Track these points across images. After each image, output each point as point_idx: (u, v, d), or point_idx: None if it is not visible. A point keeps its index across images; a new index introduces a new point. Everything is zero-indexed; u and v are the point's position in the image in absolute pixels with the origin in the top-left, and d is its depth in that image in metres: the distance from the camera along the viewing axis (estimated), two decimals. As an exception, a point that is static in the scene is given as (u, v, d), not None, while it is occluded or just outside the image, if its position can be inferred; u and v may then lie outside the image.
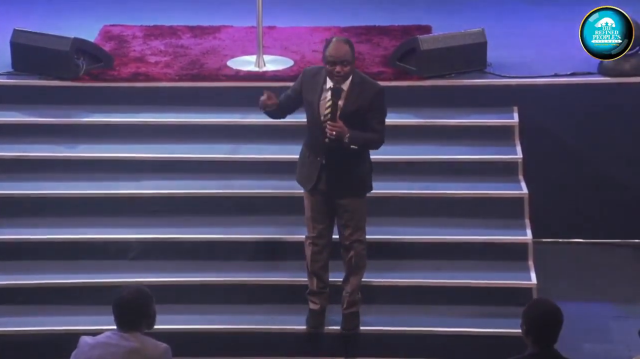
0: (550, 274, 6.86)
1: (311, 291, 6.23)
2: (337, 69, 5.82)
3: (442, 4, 8.46)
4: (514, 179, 6.96)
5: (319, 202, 6.07)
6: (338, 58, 5.82)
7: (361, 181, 6.06)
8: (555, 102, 7.29)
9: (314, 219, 6.08)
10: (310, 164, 6.02)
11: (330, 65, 5.84)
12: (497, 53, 7.48)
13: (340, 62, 5.82)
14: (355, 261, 6.13)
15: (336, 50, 5.83)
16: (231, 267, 6.61)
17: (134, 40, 7.84)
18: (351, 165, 5.98)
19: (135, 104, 7.28)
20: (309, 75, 5.99)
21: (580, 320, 6.48)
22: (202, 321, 6.39)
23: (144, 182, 6.93)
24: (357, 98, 5.91)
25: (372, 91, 5.94)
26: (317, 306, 6.23)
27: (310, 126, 6.01)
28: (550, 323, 4.40)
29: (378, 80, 7.26)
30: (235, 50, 7.71)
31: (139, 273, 6.52)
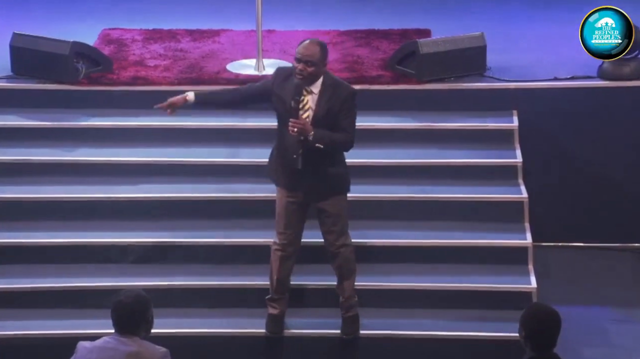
0: (550, 278, 6.86)
1: (272, 297, 6.22)
2: (300, 67, 5.84)
3: (441, 8, 8.46)
4: (513, 183, 6.96)
5: (295, 208, 6.04)
6: (304, 56, 5.84)
7: (339, 180, 6.05)
8: (554, 106, 7.29)
9: (286, 225, 6.06)
10: (284, 163, 5.98)
11: (296, 62, 5.87)
12: (497, 57, 7.47)
13: (304, 61, 5.83)
14: (345, 266, 6.13)
15: (304, 48, 5.86)
16: (231, 271, 6.60)
17: (133, 44, 7.84)
18: (326, 166, 5.96)
19: (135, 107, 7.27)
20: (283, 75, 5.98)
21: (580, 324, 6.47)
22: (201, 325, 6.39)
23: (144, 186, 6.93)
24: (329, 100, 5.91)
25: (344, 93, 5.94)
26: (277, 310, 6.23)
27: (284, 125, 5.93)
28: (548, 328, 4.40)
29: (377, 84, 7.32)
30: (235, 54, 7.71)
31: (139, 277, 6.52)
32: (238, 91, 6.12)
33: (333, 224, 6.04)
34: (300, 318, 6.37)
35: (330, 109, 5.91)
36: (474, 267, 6.60)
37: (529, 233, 6.73)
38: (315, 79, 5.88)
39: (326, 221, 6.03)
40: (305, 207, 6.06)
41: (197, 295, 6.52)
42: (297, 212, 6.04)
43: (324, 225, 6.06)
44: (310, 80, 5.87)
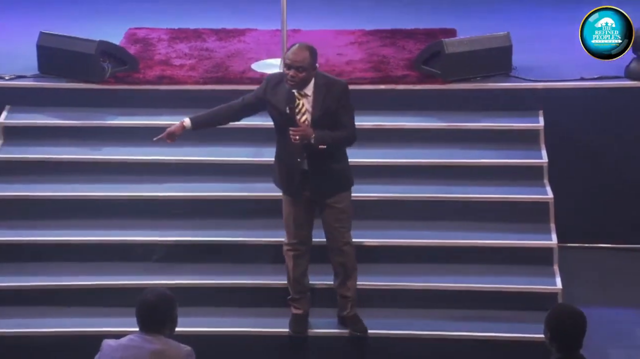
0: (576, 279, 6.82)
1: (293, 297, 6.22)
2: (291, 74, 5.83)
3: (467, 8, 8.43)
4: (539, 183, 6.93)
5: (302, 208, 6.04)
6: (294, 62, 5.82)
7: (343, 177, 6.05)
8: (581, 106, 7.25)
9: (297, 226, 6.06)
10: (288, 171, 5.99)
11: (287, 68, 5.86)
12: (523, 56, 7.44)
13: (295, 67, 5.82)
14: (349, 264, 6.13)
15: (294, 54, 5.84)
16: (256, 270, 6.61)
17: (159, 43, 7.86)
18: (330, 164, 5.96)
19: (160, 106, 7.29)
20: (274, 82, 5.96)
21: (606, 325, 6.44)
22: (226, 324, 6.40)
23: (169, 185, 6.95)
24: (325, 100, 5.90)
25: (338, 89, 5.93)
26: (300, 310, 6.23)
27: (283, 132, 5.94)
28: (574, 329, 4.37)
29: (402, 84, 7.30)
30: (260, 54, 7.71)
31: (163, 275, 6.54)
32: (232, 106, 6.10)
33: (340, 221, 6.04)
34: (324, 318, 6.36)
35: (327, 108, 5.91)
36: (499, 267, 6.58)
37: (554, 234, 6.70)
38: (307, 82, 5.89)
39: (333, 219, 6.03)
40: (312, 205, 6.08)
41: (221, 294, 6.53)
42: (305, 212, 6.06)
43: (331, 222, 6.05)
44: (302, 85, 5.87)
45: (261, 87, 6.03)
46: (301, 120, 5.91)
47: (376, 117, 7.21)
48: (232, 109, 6.10)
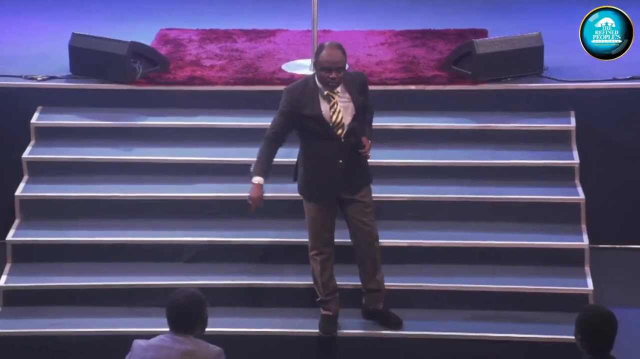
0: (607, 281, 6.78)
1: (323, 299, 6.22)
2: (333, 76, 5.81)
3: (498, 8, 8.40)
4: (570, 184, 6.89)
5: (328, 210, 6.05)
6: (334, 64, 5.81)
7: (368, 169, 6.11)
8: (613, 106, 7.20)
9: (324, 227, 6.05)
10: (327, 173, 5.98)
11: (325, 71, 5.82)
12: (554, 57, 7.40)
13: (336, 69, 5.81)
14: (378, 257, 6.13)
15: (332, 56, 5.81)
16: (286, 270, 6.61)
17: (189, 44, 7.89)
18: (359, 157, 6.02)
19: (191, 107, 7.32)
20: (297, 94, 5.92)
21: (637, 327, 6.39)
22: (256, 324, 6.41)
23: (199, 185, 6.97)
24: (353, 93, 5.94)
25: (362, 79, 6.02)
26: (330, 312, 6.23)
27: (318, 138, 5.95)
28: (604, 330, 4.35)
29: (433, 85, 7.30)
30: (290, 54, 7.72)
31: (194, 276, 6.56)
32: (274, 142, 6.03)
33: (368, 215, 6.05)
34: (352, 318, 6.36)
35: (362, 102, 5.99)
36: (530, 268, 6.55)
37: (585, 235, 6.66)
38: (340, 82, 5.91)
39: (361, 214, 6.03)
40: (336, 207, 6.09)
41: (251, 294, 6.54)
42: (330, 213, 6.07)
43: (360, 217, 6.04)
44: (339, 84, 5.89)
45: (285, 105, 5.94)
46: (337, 119, 5.90)
47: (406, 117, 7.20)
48: (277, 144, 6.06)
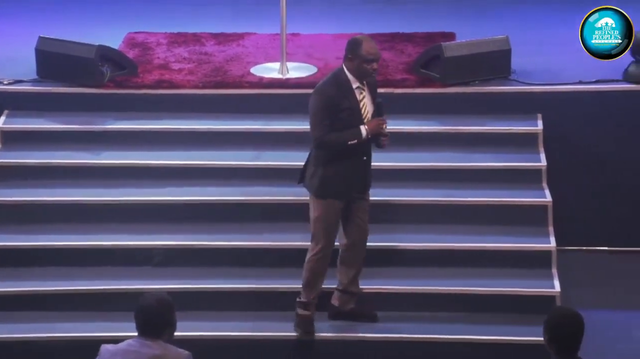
0: (574, 282, 6.82)
1: (307, 302, 6.21)
2: (375, 66, 5.96)
3: (466, 11, 8.44)
4: (537, 187, 6.93)
5: (340, 208, 6.07)
6: (377, 55, 5.98)
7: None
8: (579, 109, 7.25)
9: (335, 228, 6.08)
10: (352, 170, 6.02)
11: (368, 63, 5.93)
12: (521, 60, 7.45)
13: (377, 60, 5.98)
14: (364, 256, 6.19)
15: (374, 48, 5.98)
16: (256, 274, 6.61)
17: (157, 48, 7.87)
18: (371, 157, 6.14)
19: (159, 111, 7.30)
20: (333, 90, 5.97)
21: (604, 328, 6.44)
22: (225, 328, 6.40)
23: (168, 189, 6.95)
24: (371, 91, 6.08)
25: (373, 80, 6.13)
26: (310, 313, 6.23)
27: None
28: (572, 331, 4.38)
29: (402, 88, 7.33)
30: (259, 58, 7.72)
31: (162, 280, 6.54)
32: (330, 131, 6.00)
33: (367, 214, 6.14)
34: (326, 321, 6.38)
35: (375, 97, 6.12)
36: (497, 271, 6.58)
37: (552, 237, 6.71)
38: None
39: (364, 213, 6.11)
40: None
41: (222, 298, 6.53)
42: (339, 214, 6.10)
43: (363, 217, 6.10)
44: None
45: (326, 101, 5.92)
46: (365, 112, 6.03)
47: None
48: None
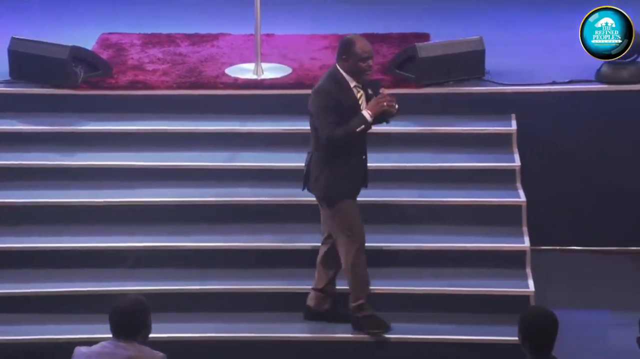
0: (548, 282, 6.86)
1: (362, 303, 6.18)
2: (370, 64, 6.00)
3: (440, 12, 8.46)
4: (511, 187, 6.96)
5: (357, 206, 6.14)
6: (372, 52, 6.02)
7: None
8: (553, 109, 7.29)
9: (358, 221, 6.11)
10: (354, 170, 6.09)
11: (363, 60, 5.98)
12: (496, 61, 7.48)
13: (373, 56, 6.02)
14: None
15: (367, 45, 6.02)
16: (230, 275, 6.60)
17: (132, 48, 7.85)
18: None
19: (133, 112, 7.28)
20: (333, 89, 6.01)
21: (579, 328, 6.47)
22: (199, 330, 6.39)
23: (142, 190, 6.93)
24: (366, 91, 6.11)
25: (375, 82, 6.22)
26: (371, 311, 6.22)
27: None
28: (546, 330, 4.41)
29: (376, 88, 7.33)
30: (234, 58, 7.71)
31: (137, 281, 6.52)
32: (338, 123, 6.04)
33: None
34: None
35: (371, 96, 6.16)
36: (472, 271, 6.60)
37: (527, 237, 6.73)
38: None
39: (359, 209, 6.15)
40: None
41: (196, 299, 6.52)
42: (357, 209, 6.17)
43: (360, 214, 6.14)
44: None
45: (329, 100, 5.95)
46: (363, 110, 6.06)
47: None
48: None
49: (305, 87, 7.33)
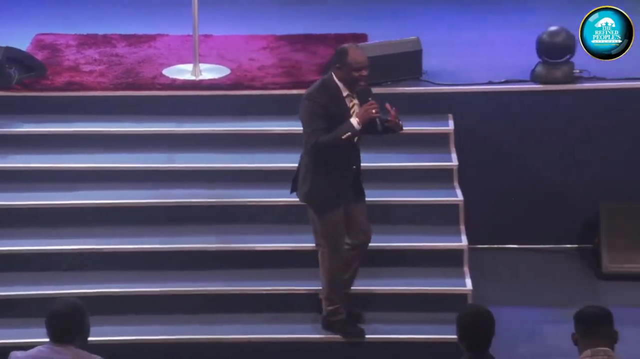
0: (485, 280, 6.92)
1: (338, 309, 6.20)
2: (364, 73, 6.00)
3: (378, 13, 8.50)
4: (449, 186, 7.02)
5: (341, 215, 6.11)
6: (365, 62, 6.01)
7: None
8: (489, 109, 7.36)
9: (344, 233, 6.12)
10: (341, 178, 6.06)
11: (357, 70, 5.98)
12: (433, 61, 7.53)
13: (366, 67, 6.01)
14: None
15: (360, 55, 6.02)
16: (166, 277, 6.57)
17: (67, 49, 7.77)
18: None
19: (69, 113, 7.21)
20: (323, 96, 6.00)
21: (515, 325, 6.55)
22: (136, 332, 6.36)
23: (78, 193, 6.87)
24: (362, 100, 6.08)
25: (367, 89, 6.17)
26: (342, 316, 6.24)
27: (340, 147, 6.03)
28: (482, 328, 4.45)
29: (313, 89, 7.33)
30: (171, 59, 7.67)
31: (73, 285, 6.46)
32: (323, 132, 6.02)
33: (366, 217, 6.16)
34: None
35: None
36: (410, 270, 6.64)
37: (464, 236, 6.79)
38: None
39: (365, 216, 6.14)
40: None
41: (134, 302, 6.48)
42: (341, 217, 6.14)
43: (363, 220, 6.14)
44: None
45: (317, 108, 5.93)
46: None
47: (288, 122, 7.22)
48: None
49: (244, 88, 7.34)
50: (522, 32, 7.83)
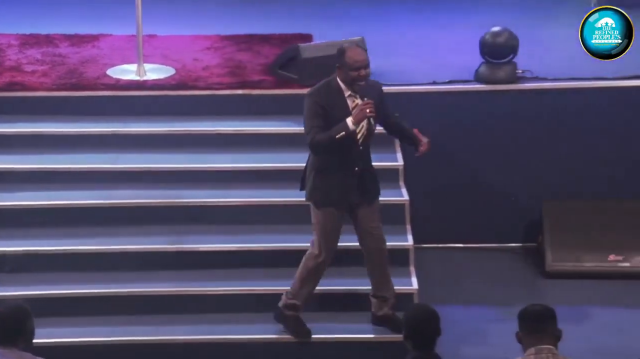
0: (431, 279, 6.97)
1: (296, 305, 6.19)
2: (363, 73, 5.98)
3: (323, 13, 8.52)
4: (394, 186, 7.05)
5: (339, 220, 6.08)
6: (364, 62, 5.98)
7: (377, 179, 6.21)
8: (434, 109, 7.41)
9: (333, 236, 6.08)
10: (342, 180, 6.03)
11: (355, 70, 5.96)
12: (377, 62, 7.53)
13: (365, 66, 5.99)
14: (386, 263, 6.21)
15: (359, 54, 6.01)
16: (110, 278, 6.53)
17: (8, 49, 7.69)
18: (372, 166, 6.15)
19: (11, 114, 7.13)
20: (324, 95, 5.99)
21: (460, 324, 6.60)
22: (81, 334, 6.31)
23: (21, 194, 6.80)
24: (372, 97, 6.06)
25: (377, 88, 6.18)
26: (296, 313, 6.24)
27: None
28: (428, 328, 4.48)
29: (259, 89, 7.34)
30: (115, 59, 7.62)
31: (16, 286, 6.39)
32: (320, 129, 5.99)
33: (378, 221, 6.15)
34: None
35: (383, 109, 6.13)
36: (355, 269, 6.65)
37: (410, 235, 6.83)
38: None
39: (374, 219, 6.12)
40: (344, 214, 6.12)
41: (79, 303, 6.43)
42: (339, 222, 6.10)
43: (372, 224, 6.11)
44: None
45: (316, 107, 5.94)
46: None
47: (233, 122, 7.22)
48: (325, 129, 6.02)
49: (188, 88, 7.32)
50: (466, 32, 7.90)
